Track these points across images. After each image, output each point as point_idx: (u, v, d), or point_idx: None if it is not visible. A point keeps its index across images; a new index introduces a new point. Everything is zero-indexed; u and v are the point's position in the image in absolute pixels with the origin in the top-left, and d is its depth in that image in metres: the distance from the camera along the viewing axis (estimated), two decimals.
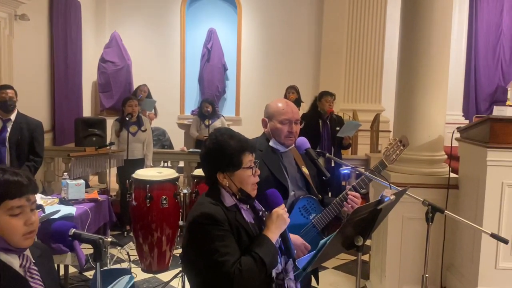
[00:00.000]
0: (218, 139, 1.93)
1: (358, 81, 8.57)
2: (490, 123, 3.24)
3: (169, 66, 9.15)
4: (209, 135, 2.03)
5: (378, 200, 2.02)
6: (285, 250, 2.01)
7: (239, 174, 1.92)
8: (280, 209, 1.97)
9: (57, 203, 4.00)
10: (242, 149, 1.92)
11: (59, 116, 7.19)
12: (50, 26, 6.97)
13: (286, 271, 2.02)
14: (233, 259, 1.78)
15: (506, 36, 10.04)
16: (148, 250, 4.44)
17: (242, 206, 1.97)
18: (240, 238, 1.87)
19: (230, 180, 1.92)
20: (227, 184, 1.93)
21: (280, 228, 1.94)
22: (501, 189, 3.29)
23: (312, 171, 2.58)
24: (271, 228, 1.92)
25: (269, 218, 1.96)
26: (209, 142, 1.96)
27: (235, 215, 1.89)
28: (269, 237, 1.89)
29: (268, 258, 1.84)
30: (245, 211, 1.97)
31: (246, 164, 1.93)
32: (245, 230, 1.89)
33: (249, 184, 1.94)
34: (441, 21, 3.74)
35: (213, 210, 1.84)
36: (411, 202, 2.66)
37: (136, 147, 5.62)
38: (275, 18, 9.00)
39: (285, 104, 2.50)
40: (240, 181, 1.93)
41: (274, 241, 1.91)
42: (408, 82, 3.82)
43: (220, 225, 1.81)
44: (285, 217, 1.95)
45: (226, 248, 1.79)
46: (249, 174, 1.93)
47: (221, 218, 1.83)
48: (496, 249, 3.32)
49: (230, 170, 1.91)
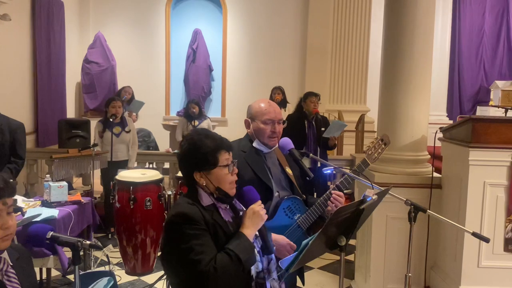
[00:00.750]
0: (193, 139, 1.95)
1: (343, 82, 8.62)
2: (472, 123, 3.27)
3: (154, 67, 9.10)
4: (185, 136, 2.04)
5: (360, 200, 2.02)
6: (262, 247, 2.01)
7: (215, 172, 1.93)
8: (257, 206, 1.98)
9: (39, 206, 3.94)
10: (217, 148, 1.93)
11: (42, 118, 7.10)
12: (33, 26, 6.89)
13: (269, 271, 2.02)
14: (208, 257, 1.79)
15: (488, 37, 10.18)
16: (132, 252, 4.40)
17: (220, 205, 1.97)
18: (217, 237, 1.87)
19: (207, 179, 1.93)
20: (204, 183, 1.94)
21: (256, 225, 1.95)
22: (483, 188, 3.32)
23: (296, 171, 2.58)
24: (247, 224, 1.93)
25: (245, 215, 1.97)
26: (185, 143, 1.98)
27: (212, 214, 1.90)
28: (245, 234, 1.90)
29: (243, 255, 1.84)
30: (223, 210, 1.97)
31: (222, 162, 1.93)
32: (222, 229, 1.90)
33: (227, 182, 1.95)
34: (424, 21, 3.77)
35: (189, 210, 1.85)
36: (395, 202, 2.67)
37: (120, 149, 5.57)
38: (261, 19, 9.01)
39: (267, 104, 2.50)
40: (217, 180, 1.93)
41: (251, 238, 1.92)
42: (391, 82, 3.84)
43: (196, 224, 1.82)
44: (261, 214, 1.96)
45: (201, 246, 1.79)
46: (226, 172, 1.94)
47: (196, 217, 1.83)
48: (479, 248, 3.35)
49: (206, 169, 1.93)
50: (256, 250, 1.98)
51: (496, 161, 3.29)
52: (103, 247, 4.42)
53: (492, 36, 10.19)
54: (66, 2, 7.94)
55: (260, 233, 2.00)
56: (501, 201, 3.33)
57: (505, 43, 10.18)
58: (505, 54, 10.21)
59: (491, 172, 3.30)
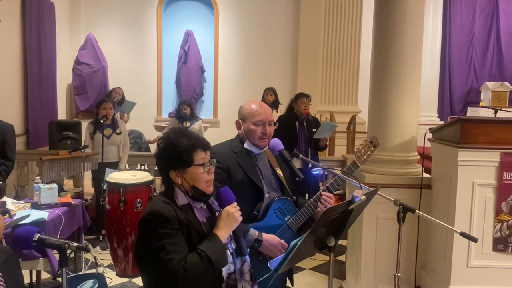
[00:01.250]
0: (170, 137, 1.96)
1: (335, 83, 8.65)
2: (461, 124, 3.29)
3: (146, 68, 9.08)
4: (163, 134, 2.05)
5: (349, 201, 2.04)
6: (236, 249, 2.01)
7: (191, 171, 1.93)
8: (231, 208, 1.98)
9: (29, 208, 3.92)
10: (193, 147, 1.94)
11: (33, 119, 7.06)
12: (23, 27, 6.84)
13: (242, 272, 2.02)
14: (179, 257, 1.79)
15: (478, 39, 10.26)
16: (123, 254, 4.39)
17: (196, 205, 1.98)
18: (190, 237, 1.87)
19: (182, 178, 1.94)
20: (180, 182, 1.95)
21: (230, 227, 1.95)
22: (472, 188, 3.35)
23: (286, 172, 2.59)
24: (221, 226, 1.93)
25: (219, 216, 1.98)
26: (162, 141, 1.99)
27: (187, 214, 1.90)
28: (217, 235, 1.91)
29: (214, 256, 1.85)
30: (198, 210, 1.98)
31: (198, 161, 1.94)
32: (195, 229, 1.90)
33: (202, 181, 1.95)
34: (413, 23, 3.80)
35: (162, 208, 1.86)
36: (385, 202, 2.68)
37: (110, 150, 5.55)
38: (252, 20, 9.02)
39: (258, 105, 2.50)
40: (193, 179, 1.94)
41: (224, 239, 1.92)
42: (381, 83, 3.86)
43: (169, 223, 1.83)
44: (236, 216, 1.97)
45: (173, 246, 1.80)
46: (201, 171, 1.94)
47: (170, 216, 1.84)
48: (468, 248, 3.37)
49: (181, 168, 1.93)
50: (230, 252, 1.98)
51: (484, 161, 3.31)
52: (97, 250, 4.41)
53: (482, 38, 10.27)
54: (56, 3, 7.90)
55: (234, 235, 2.01)
56: (490, 201, 3.35)
57: (494, 44, 10.27)
58: (495, 56, 10.29)
59: (480, 172, 3.33)
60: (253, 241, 2.30)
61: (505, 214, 3.35)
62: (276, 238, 2.35)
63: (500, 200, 3.34)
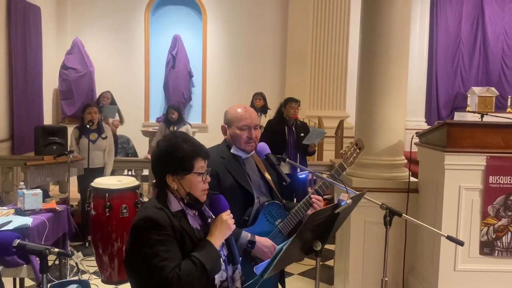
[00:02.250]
0: (172, 141, 1.92)
1: (323, 88, 8.68)
2: (447, 128, 3.30)
3: (133, 72, 9.03)
4: (163, 136, 2.01)
5: (335, 204, 2.02)
6: (229, 257, 1.99)
7: (189, 178, 1.90)
8: (225, 215, 1.96)
9: (13, 214, 3.85)
10: (195, 154, 1.91)
11: (18, 124, 6.97)
12: (8, 31, 6.77)
13: (233, 280, 2.00)
14: (172, 264, 1.76)
15: (465, 44, 10.38)
16: (108, 261, 4.32)
17: (189, 212, 1.95)
18: (183, 244, 1.85)
19: (179, 184, 1.91)
20: (175, 188, 1.91)
21: (224, 234, 1.94)
22: (459, 192, 3.35)
23: (274, 176, 2.57)
24: (214, 233, 1.91)
25: (213, 223, 1.96)
26: (163, 143, 1.94)
27: (180, 221, 1.87)
28: (211, 242, 1.88)
29: (209, 263, 1.83)
30: (191, 217, 1.95)
31: (197, 169, 1.91)
32: (189, 236, 1.87)
33: (198, 189, 1.93)
34: (399, 27, 3.82)
35: (156, 214, 1.82)
36: (373, 206, 2.67)
37: (96, 155, 5.49)
38: (240, 25, 9.02)
39: (243, 109, 2.47)
40: (189, 186, 1.91)
41: (218, 246, 1.90)
42: (368, 88, 3.87)
43: (162, 230, 1.79)
44: (229, 223, 1.95)
45: (166, 253, 1.77)
46: (199, 180, 1.92)
47: (163, 223, 1.81)
48: (455, 252, 3.37)
49: (180, 174, 1.90)
50: (222, 259, 1.96)
51: (471, 165, 3.32)
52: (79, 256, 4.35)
53: (468, 44, 10.40)
54: (43, 7, 7.83)
55: (226, 243, 1.99)
56: (476, 205, 3.36)
57: (481, 50, 10.40)
58: (481, 61, 10.42)
59: (466, 176, 3.34)
60: (247, 242, 2.28)
61: (491, 218, 3.36)
62: (269, 241, 2.34)
63: (486, 204, 3.35)
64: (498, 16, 10.27)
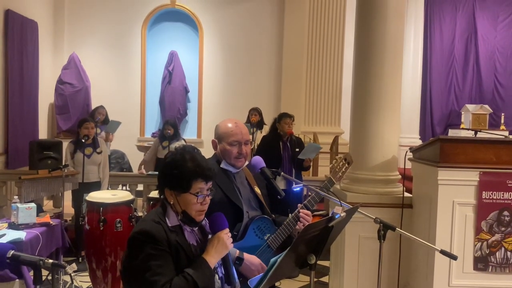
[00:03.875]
0: (177, 156, 1.92)
1: (318, 104, 8.74)
2: (440, 144, 3.34)
3: (129, 88, 9.06)
4: (175, 149, 2.00)
5: (329, 217, 2.03)
6: (225, 277, 1.98)
7: (185, 197, 1.90)
8: (222, 234, 1.95)
9: (6, 228, 3.84)
10: (195, 174, 1.89)
11: (13, 139, 6.96)
12: (5, 46, 6.80)
13: None
14: (164, 279, 1.76)
15: (459, 62, 10.51)
16: (102, 276, 4.28)
17: (186, 227, 1.94)
18: (178, 260, 1.84)
19: (175, 200, 1.91)
20: (172, 202, 1.92)
21: (220, 253, 1.92)
22: (452, 207, 3.38)
23: (264, 190, 2.57)
24: (210, 252, 1.90)
25: (210, 241, 1.94)
26: (170, 156, 1.95)
27: (176, 236, 1.87)
28: (206, 260, 1.87)
29: (201, 281, 1.81)
30: (188, 232, 1.94)
31: (194, 190, 1.89)
32: (184, 252, 1.87)
33: (193, 210, 1.91)
34: (393, 45, 3.87)
35: (152, 228, 1.82)
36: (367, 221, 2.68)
37: (91, 170, 5.48)
38: (237, 41, 9.10)
39: (234, 125, 2.45)
40: (185, 204, 1.90)
41: (212, 265, 1.89)
42: (362, 103, 3.91)
43: (157, 244, 1.80)
44: (226, 242, 1.93)
45: (159, 268, 1.77)
46: (194, 201, 1.90)
47: (159, 237, 1.81)
48: (449, 267, 3.38)
49: (177, 190, 1.90)
50: (219, 276, 1.95)
51: (464, 181, 3.35)
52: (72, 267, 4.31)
53: (462, 61, 10.53)
54: (40, 22, 7.89)
55: (223, 263, 1.98)
56: (470, 220, 3.38)
57: (474, 68, 10.52)
58: (475, 79, 10.54)
59: (460, 191, 3.36)
60: (235, 259, 2.27)
61: (485, 233, 3.38)
62: (256, 259, 2.31)
63: (480, 219, 3.37)
64: (491, 35, 10.43)
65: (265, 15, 9.11)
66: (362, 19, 3.99)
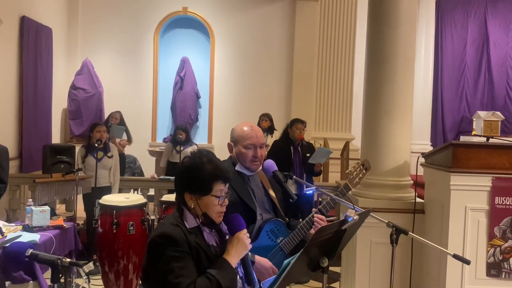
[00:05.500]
0: (196, 160, 1.94)
1: (329, 110, 8.74)
2: (452, 149, 3.33)
3: (142, 93, 9.14)
4: (191, 153, 2.03)
5: (342, 220, 2.04)
6: (244, 277, 1.99)
7: (206, 199, 1.92)
8: (242, 234, 1.96)
9: (20, 230, 3.88)
10: (216, 177, 1.92)
11: (27, 143, 7.04)
12: (20, 52, 6.91)
13: None
14: (187, 280, 1.78)
15: (470, 69, 10.46)
16: (114, 278, 4.31)
17: (205, 228, 1.96)
18: (199, 261, 1.86)
19: (196, 203, 1.93)
20: (192, 206, 1.93)
21: (240, 253, 1.94)
22: (465, 213, 3.36)
23: (279, 194, 2.58)
24: (231, 252, 1.92)
25: (229, 242, 1.96)
26: (188, 160, 1.97)
27: (196, 237, 1.89)
28: (228, 261, 1.89)
29: (224, 281, 1.83)
30: (207, 233, 1.96)
31: (215, 192, 1.92)
32: (205, 253, 1.89)
33: (214, 212, 1.94)
34: (405, 51, 3.88)
35: (172, 231, 1.84)
36: (379, 226, 2.69)
37: (102, 174, 5.53)
38: (248, 48, 9.15)
39: (249, 128, 2.49)
40: (206, 207, 1.93)
41: (234, 265, 1.90)
42: (374, 109, 3.92)
43: (178, 246, 1.81)
44: (245, 242, 1.95)
45: (182, 269, 1.78)
46: (216, 203, 1.93)
47: (180, 239, 1.83)
48: (462, 273, 3.36)
49: (198, 193, 1.92)
50: (239, 276, 1.97)
51: (476, 186, 3.34)
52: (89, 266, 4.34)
53: (474, 68, 10.47)
54: (54, 28, 8.00)
55: (242, 263, 1.99)
56: (482, 226, 3.36)
57: (486, 75, 10.46)
58: (486, 86, 10.47)
59: (472, 196, 3.35)
60: None
61: (498, 239, 3.35)
62: (268, 262, 2.32)
63: (492, 225, 3.35)
64: (503, 41, 10.38)
65: (276, 22, 9.15)
66: (374, 25, 4.01)
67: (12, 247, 3.34)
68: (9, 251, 3.30)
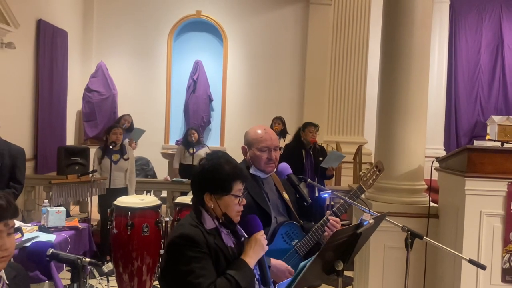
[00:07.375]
0: (214, 161, 1.96)
1: (341, 114, 8.72)
2: (467, 153, 3.31)
3: (155, 96, 9.21)
4: (206, 155, 2.05)
5: (357, 224, 2.04)
6: (260, 279, 2.00)
7: (226, 199, 1.94)
8: (259, 235, 1.98)
9: (36, 231, 3.94)
10: (235, 176, 1.95)
11: (42, 144, 7.13)
12: (36, 54, 7.01)
13: None
14: (208, 281, 1.79)
15: (484, 73, 10.36)
16: (128, 279, 4.35)
17: (223, 230, 1.97)
18: (218, 262, 1.87)
19: (216, 203, 1.94)
20: (212, 207, 1.94)
21: (257, 254, 1.95)
22: (480, 218, 3.34)
23: (292, 196, 2.59)
24: (248, 253, 1.93)
25: (247, 243, 1.97)
26: (206, 162, 1.98)
27: (214, 238, 1.90)
28: (246, 262, 1.90)
29: (244, 282, 1.84)
30: (225, 235, 1.97)
31: (235, 191, 1.95)
32: (223, 254, 1.90)
33: (233, 211, 1.96)
34: (419, 55, 3.87)
35: (192, 232, 1.85)
36: (393, 231, 2.68)
37: (117, 176, 5.58)
38: (260, 51, 9.18)
39: (263, 131, 2.50)
40: (226, 207, 1.94)
41: (252, 266, 1.92)
42: (388, 113, 3.91)
43: (198, 247, 1.82)
44: (263, 243, 1.96)
45: (202, 270, 1.80)
46: (236, 202, 1.95)
47: (199, 240, 1.84)
48: (476, 279, 3.33)
49: (218, 194, 1.93)
50: (256, 278, 1.98)
51: (492, 191, 3.31)
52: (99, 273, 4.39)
53: (488, 72, 10.37)
54: (69, 31, 8.10)
55: (259, 264, 2.00)
56: (497, 231, 3.33)
57: (500, 79, 10.36)
58: (501, 90, 10.37)
59: (487, 201, 3.32)
60: None
61: None
62: (283, 264, 2.33)
63: (508, 231, 3.32)
64: None
65: (289, 25, 9.18)
66: (389, 28, 4.01)
67: (33, 246, 3.39)
68: (29, 251, 3.35)
